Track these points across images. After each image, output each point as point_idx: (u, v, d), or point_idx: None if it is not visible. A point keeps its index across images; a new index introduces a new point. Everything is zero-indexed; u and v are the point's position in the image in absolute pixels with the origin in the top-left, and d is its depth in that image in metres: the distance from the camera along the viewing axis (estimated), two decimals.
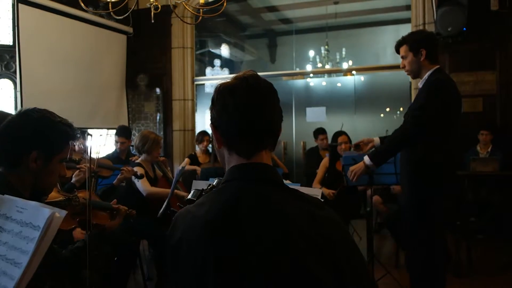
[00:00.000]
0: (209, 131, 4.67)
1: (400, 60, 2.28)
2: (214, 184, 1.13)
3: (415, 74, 2.22)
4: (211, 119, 0.87)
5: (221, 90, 0.85)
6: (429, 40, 2.18)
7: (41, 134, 1.24)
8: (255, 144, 0.84)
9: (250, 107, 0.82)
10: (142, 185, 2.92)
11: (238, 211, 0.78)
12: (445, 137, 2.07)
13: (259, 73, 0.88)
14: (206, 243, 0.77)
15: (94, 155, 3.53)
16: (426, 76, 2.18)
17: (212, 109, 0.87)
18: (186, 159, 4.28)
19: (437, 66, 2.17)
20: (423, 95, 2.08)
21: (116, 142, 4.01)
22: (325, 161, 3.97)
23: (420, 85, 2.24)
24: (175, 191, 2.80)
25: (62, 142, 1.29)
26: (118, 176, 2.83)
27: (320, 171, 3.93)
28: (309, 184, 4.04)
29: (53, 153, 1.27)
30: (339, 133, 3.90)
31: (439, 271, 2.17)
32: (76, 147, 4.07)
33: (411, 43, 2.18)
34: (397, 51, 2.26)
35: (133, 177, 2.93)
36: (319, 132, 4.66)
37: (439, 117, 2.01)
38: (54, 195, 2.00)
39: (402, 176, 2.28)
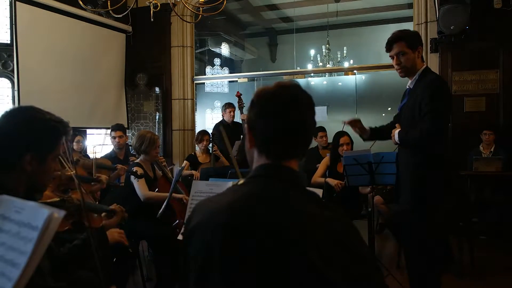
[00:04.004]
0: (209, 130, 4.63)
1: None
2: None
3: (409, 72, 2.19)
4: (247, 120, 0.91)
5: (263, 95, 0.89)
6: (421, 38, 2.21)
7: (32, 135, 1.21)
8: (287, 149, 0.88)
9: (287, 114, 0.85)
10: (140, 189, 2.88)
11: (256, 205, 0.80)
12: (445, 138, 2.12)
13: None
14: (221, 232, 0.79)
15: (91, 155, 3.51)
16: (416, 75, 2.17)
17: (250, 111, 0.90)
18: (186, 162, 4.21)
19: (425, 65, 2.20)
20: (430, 97, 2.03)
21: (114, 138, 3.96)
22: (326, 159, 3.87)
23: (411, 85, 2.22)
24: (172, 193, 2.77)
25: (54, 140, 1.26)
26: (111, 175, 2.81)
27: (321, 168, 3.83)
28: (309, 180, 3.97)
29: (47, 152, 1.25)
30: (341, 134, 3.66)
31: (437, 272, 2.18)
32: (75, 146, 4.06)
33: (410, 39, 2.13)
34: (390, 48, 2.20)
35: (132, 177, 2.90)
36: (318, 129, 4.63)
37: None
38: (48, 195, 1.98)
39: (404, 179, 2.25)
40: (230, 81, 6.80)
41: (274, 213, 0.78)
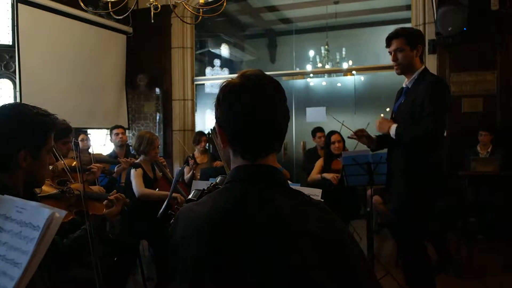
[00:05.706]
0: (207, 131, 4.66)
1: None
2: (217, 181, 1.14)
3: (406, 70, 2.18)
4: (216, 118, 0.85)
5: (227, 89, 0.83)
6: (423, 38, 2.21)
7: (23, 131, 1.21)
8: (260, 147, 0.82)
9: (256, 109, 0.80)
10: (137, 186, 2.92)
11: (240, 212, 0.77)
12: (442, 138, 2.12)
13: None
14: (207, 241, 0.77)
15: (89, 152, 3.59)
16: (415, 75, 2.17)
17: (218, 108, 0.84)
18: (187, 168, 4.20)
19: (424, 66, 2.19)
20: (432, 96, 2.03)
21: (116, 134, 4.06)
22: (320, 160, 4.01)
23: (409, 84, 2.21)
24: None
25: (44, 133, 1.27)
26: (117, 168, 2.91)
27: (316, 168, 3.97)
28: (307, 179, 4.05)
29: (40, 146, 1.25)
30: (332, 132, 3.93)
31: (430, 268, 2.22)
32: (80, 144, 4.11)
33: (409, 37, 2.14)
34: (389, 44, 2.20)
35: (131, 173, 2.96)
36: (316, 130, 4.70)
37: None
38: (47, 189, 2.01)
39: (397, 178, 2.23)
40: None
41: (257, 218, 0.75)
